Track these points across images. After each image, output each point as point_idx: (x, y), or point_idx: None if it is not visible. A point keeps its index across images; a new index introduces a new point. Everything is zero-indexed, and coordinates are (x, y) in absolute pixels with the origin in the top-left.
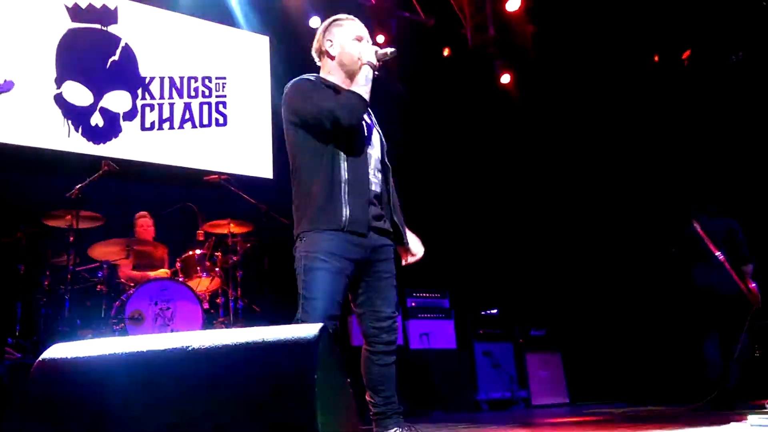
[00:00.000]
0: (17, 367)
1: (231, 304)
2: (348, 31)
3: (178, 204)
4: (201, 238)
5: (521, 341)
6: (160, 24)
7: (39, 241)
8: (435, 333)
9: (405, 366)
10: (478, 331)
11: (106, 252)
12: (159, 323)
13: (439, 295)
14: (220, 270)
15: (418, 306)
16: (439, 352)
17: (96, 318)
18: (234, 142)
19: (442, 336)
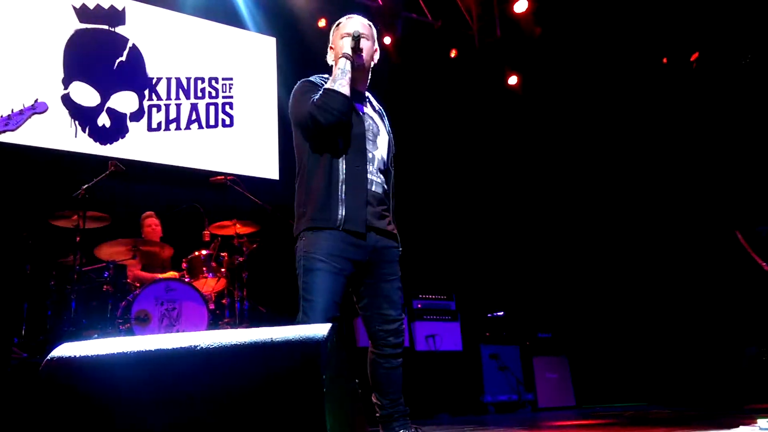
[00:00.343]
0: (24, 367)
1: (237, 304)
2: (341, 31)
3: (184, 204)
4: (207, 238)
5: (528, 344)
6: (167, 25)
7: (45, 241)
8: (441, 335)
9: (411, 368)
10: (484, 334)
11: (112, 252)
12: (165, 324)
13: (446, 298)
14: (226, 270)
15: (424, 308)
16: (446, 354)
17: (102, 318)
18: (240, 142)
19: (448, 338)
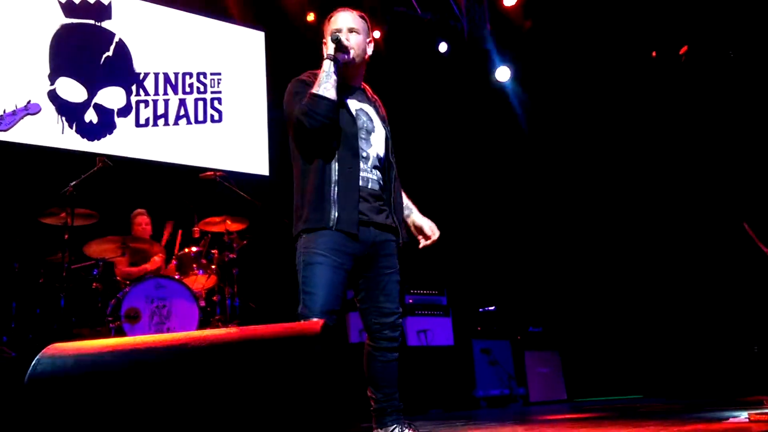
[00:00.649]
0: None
1: (227, 301)
2: (330, 26)
3: (173, 201)
4: (197, 235)
5: (519, 338)
6: (154, 19)
7: (34, 239)
8: (433, 330)
9: (403, 363)
10: (476, 329)
11: (101, 249)
12: (155, 321)
13: (437, 293)
14: (216, 267)
15: (416, 303)
16: (437, 349)
17: (92, 316)
18: (229, 138)
19: (440, 333)
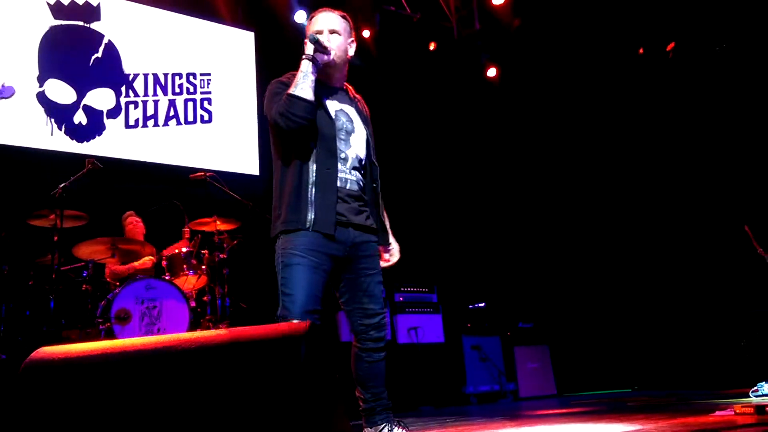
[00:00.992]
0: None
1: (218, 301)
2: (312, 27)
3: (163, 202)
4: (187, 235)
5: (509, 334)
6: (143, 20)
7: (23, 241)
8: (423, 327)
9: (393, 361)
10: (466, 325)
11: (91, 251)
12: (146, 322)
13: (427, 290)
14: (206, 267)
15: (405, 301)
16: (428, 346)
17: (82, 317)
18: (219, 138)
19: (430, 330)
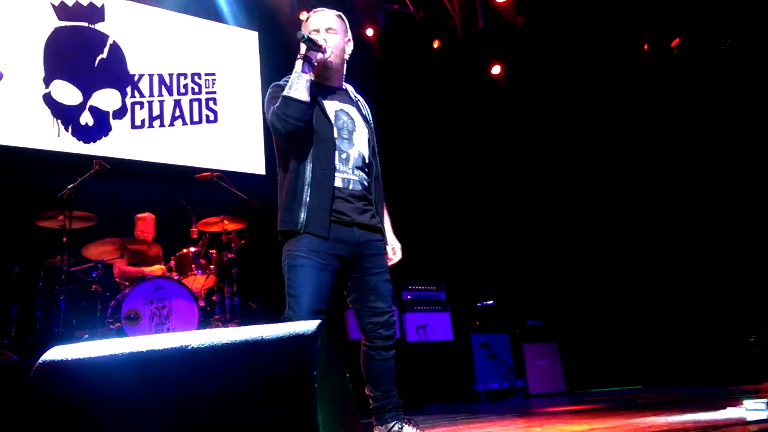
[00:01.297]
0: (14, 369)
1: (227, 301)
2: (308, 27)
3: (170, 202)
4: (195, 235)
5: (518, 331)
6: (147, 21)
7: (32, 243)
8: (432, 325)
9: (402, 359)
10: (474, 323)
11: (99, 252)
12: (155, 322)
13: (435, 288)
14: (215, 267)
15: (414, 299)
16: (436, 344)
17: (92, 318)
18: (225, 138)
19: (438, 328)
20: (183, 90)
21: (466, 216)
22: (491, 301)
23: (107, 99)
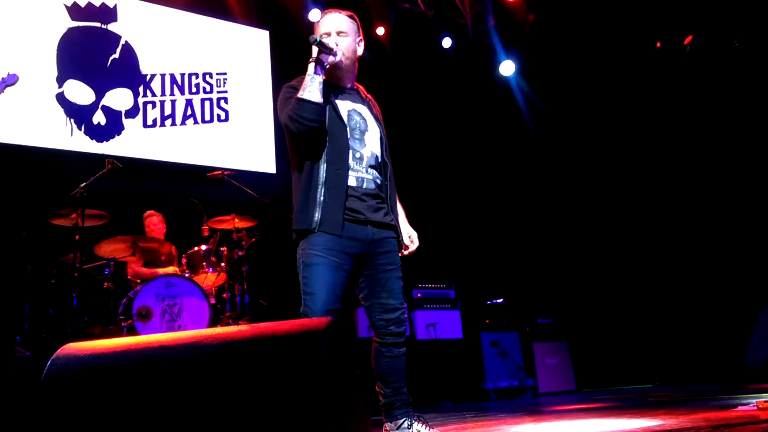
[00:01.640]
0: (27, 365)
1: (237, 298)
2: (319, 30)
3: (182, 200)
4: (206, 233)
5: (528, 330)
6: (159, 21)
7: (45, 240)
8: (441, 323)
9: (412, 357)
10: (484, 321)
11: (111, 250)
12: (166, 319)
13: (445, 286)
14: (225, 265)
15: (424, 297)
16: (446, 342)
17: (104, 315)
18: (236, 137)
19: (448, 326)
20: (194, 89)
21: (476, 214)
22: (501, 300)
23: (120, 98)
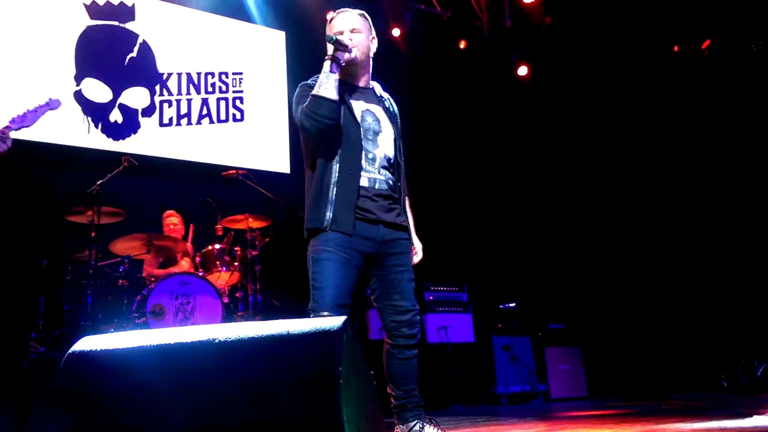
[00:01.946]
0: (42, 361)
1: (250, 298)
2: (332, 29)
3: (196, 199)
4: (220, 233)
5: (540, 335)
6: (177, 20)
7: (61, 237)
8: (453, 327)
9: (423, 360)
10: (496, 325)
11: (126, 247)
12: (180, 317)
13: (457, 289)
14: (239, 264)
15: (436, 300)
16: (458, 345)
17: (118, 312)
18: (251, 137)
19: (460, 330)
20: (210, 89)
21: (489, 217)
22: (513, 304)
23: (136, 97)
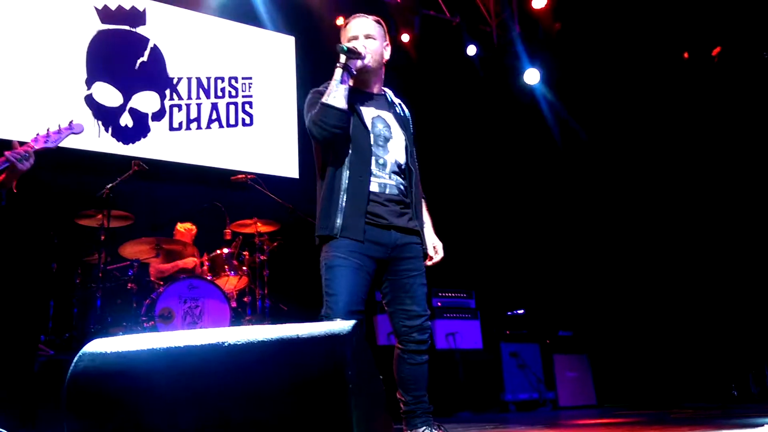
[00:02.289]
0: (51, 364)
1: (258, 302)
2: (346, 34)
3: (205, 203)
4: (228, 237)
5: (548, 342)
6: (187, 25)
7: (71, 240)
8: (461, 333)
9: (431, 366)
10: (504, 332)
11: (136, 251)
12: (188, 321)
13: (465, 295)
14: (247, 269)
15: (444, 306)
16: (466, 352)
17: (126, 315)
18: (260, 142)
19: (468, 336)
20: (220, 93)
21: (498, 224)
22: (522, 311)
23: (147, 101)
